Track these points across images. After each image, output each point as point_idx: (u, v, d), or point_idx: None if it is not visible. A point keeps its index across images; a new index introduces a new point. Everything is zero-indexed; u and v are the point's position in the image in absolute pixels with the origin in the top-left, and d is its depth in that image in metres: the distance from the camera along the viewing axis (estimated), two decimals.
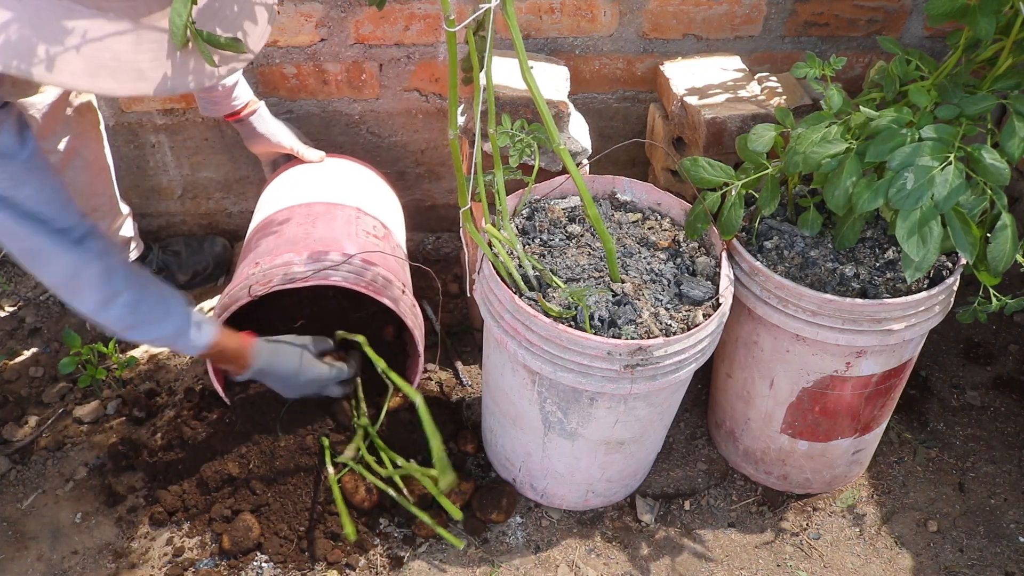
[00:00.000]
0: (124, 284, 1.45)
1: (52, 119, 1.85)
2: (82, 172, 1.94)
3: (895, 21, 2.14)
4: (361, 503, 1.72)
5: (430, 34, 2.05)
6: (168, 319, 1.52)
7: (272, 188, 2.05)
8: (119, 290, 1.44)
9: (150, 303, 1.50)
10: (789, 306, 1.55)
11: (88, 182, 1.97)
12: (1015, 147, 1.37)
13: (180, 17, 1.04)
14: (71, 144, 1.90)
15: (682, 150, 1.99)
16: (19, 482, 1.82)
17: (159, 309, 1.51)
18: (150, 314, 1.50)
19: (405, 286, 1.82)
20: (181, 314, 1.54)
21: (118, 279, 1.44)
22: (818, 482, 1.87)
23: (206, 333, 1.57)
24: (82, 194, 1.97)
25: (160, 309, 1.51)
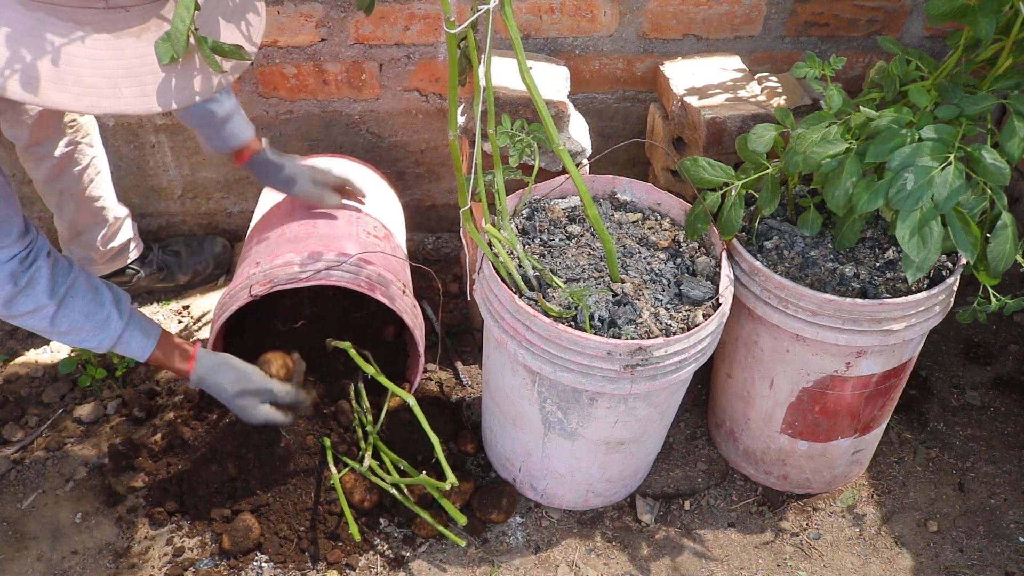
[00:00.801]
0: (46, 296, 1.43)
1: (45, 125, 1.84)
2: (78, 178, 1.94)
3: (895, 21, 2.14)
4: (361, 503, 1.72)
5: (430, 34, 2.05)
6: (105, 330, 1.50)
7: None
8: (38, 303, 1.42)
9: (81, 313, 1.47)
10: (789, 306, 1.55)
11: (84, 187, 1.97)
12: (1015, 147, 1.37)
13: (183, 22, 1.02)
14: (65, 150, 1.90)
15: (682, 150, 1.99)
16: (19, 482, 1.82)
17: (93, 318, 1.49)
18: (83, 322, 1.48)
19: (405, 286, 1.82)
20: (117, 325, 1.52)
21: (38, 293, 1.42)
22: (818, 482, 1.87)
23: (144, 348, 1.56)
24: (80, 202, 1.97)
25: (94, 318, 1.49)
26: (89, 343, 1.51)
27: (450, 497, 1.71)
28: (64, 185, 1.94)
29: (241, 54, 1.10)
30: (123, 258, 2.13)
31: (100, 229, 2.04)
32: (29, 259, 1.40)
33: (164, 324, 2.18)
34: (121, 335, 1.53)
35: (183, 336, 2.15)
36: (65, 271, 1.46)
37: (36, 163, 1.90)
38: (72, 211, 1.98)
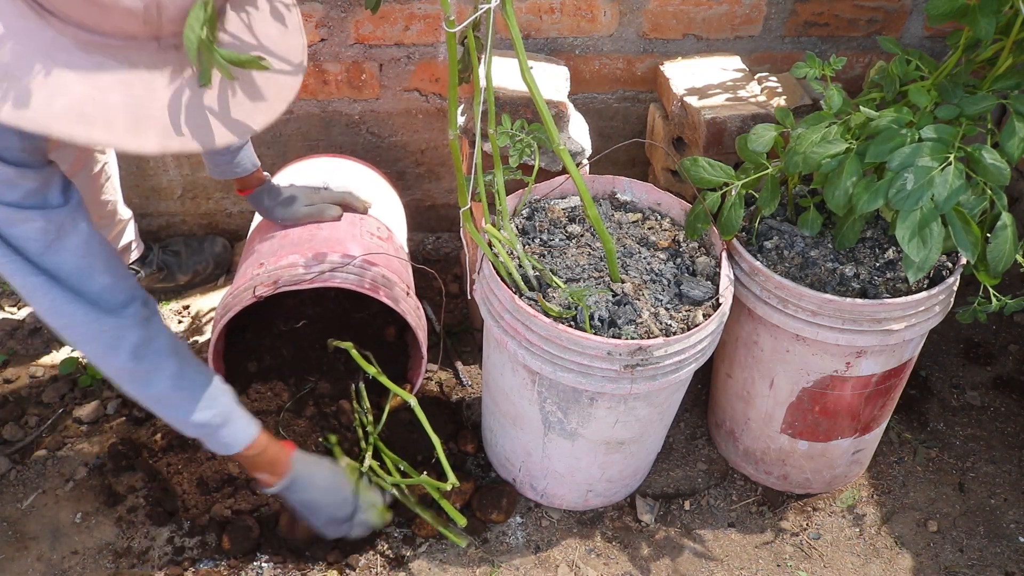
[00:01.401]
0: (166, 354, 1.37)
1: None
2: (88, 183, 1.94)
3: (895, 21, 2.14)
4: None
5: (430, 34, 2.05)
6: (214, 401, 1.42)
7: None
8: (159, 362, 1.36)
9: (194, 380, 1.41)
10: (789, 306, 1.55)
11: (94, 193, 1.97)
12: (1015, 147, 1.37)
13: (193, 31, 1.01)
14: (78, 156, 1.89)
15: (682, 150, 1.99)
16: (19, 482, 1.82)
17: (202, 389, 1.41)
18: (193, 391, 1.40)
19: (408, 287, 1.82)
20: (227, 401, 1.45)
21: (159, 350, 1.36)
22: (818, 482, 1.87)
23: (250, 428, 1.48)
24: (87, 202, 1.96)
25: (204, 388, 1.41)
26: (202, 413, 1.41)
27: (450, 498, 1.71)
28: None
29: (258, 64, 1.10)
30: (124, 259, 2.13)
31: (105, 232, 2.04)
32: (149, 308, 1.37)
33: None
34: (234, 408, 1.45)
35: (184, 335, 2.15)
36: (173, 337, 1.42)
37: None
38: None
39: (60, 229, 1.26)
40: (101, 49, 1.08)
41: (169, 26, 1.07)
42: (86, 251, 1.29)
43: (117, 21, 1.05)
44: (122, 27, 1.06)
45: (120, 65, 1.08)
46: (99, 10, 1.04)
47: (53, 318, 1.29)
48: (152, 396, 1.39)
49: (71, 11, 1.05)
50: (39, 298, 1.27)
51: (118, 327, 1.31)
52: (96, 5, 1.04)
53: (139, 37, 1.08)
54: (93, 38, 1.07)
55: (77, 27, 1.06)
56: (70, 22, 1.06)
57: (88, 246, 1.29)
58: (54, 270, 1.26)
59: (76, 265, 1.28)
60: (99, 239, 1.32)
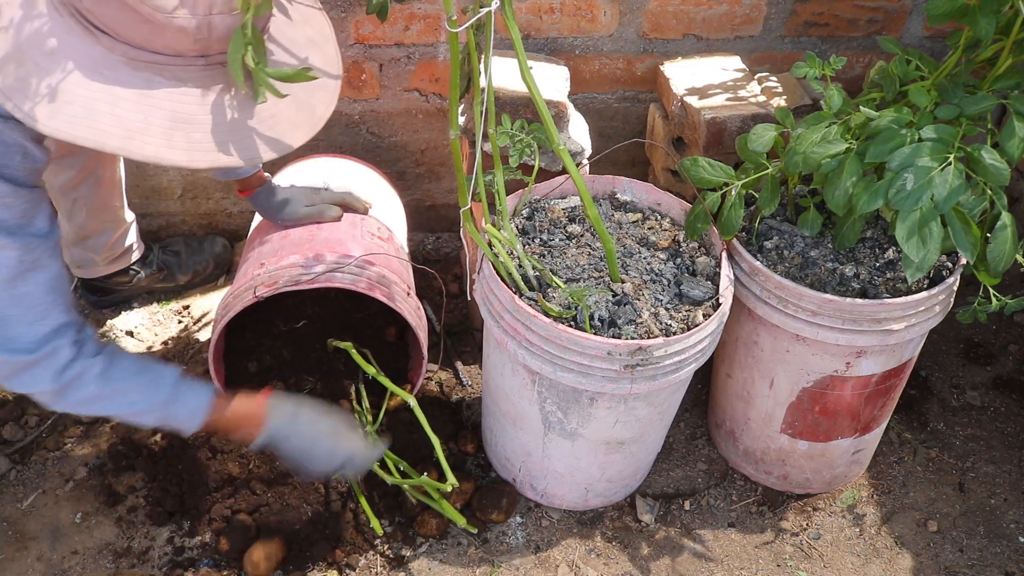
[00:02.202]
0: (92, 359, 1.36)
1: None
2: (95, 190, 1.94)
3: (895, 21, 2.14)
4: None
5: (430, 34, 2.05)
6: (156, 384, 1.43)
7: None
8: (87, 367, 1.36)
9: (124, 372, 1.40)
10: (789, 306, 1.55)
11: (101, 199, 1.96)
12: (1015, 147, 1.37)
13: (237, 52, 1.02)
14: (87, 164, 1.89)
15: (682, 150, 1.99)
16: (19, 482, 1.82)
17: (137, 377, 1.41)
18: (125, 382, 1.40)
19: (409, 288, 1.82)
20: (170, 378, 1.44)
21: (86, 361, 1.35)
22: (818, 482, 1.87)
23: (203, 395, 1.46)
24: (93, 210, 1.97)
25: (139, 376, 1.42)
26: (136, 408, 1.42)
27: (450, 499, 1.71)
28: (79, 194, 1.93)
29: (305, 75, 1.11)
30: (125, 260, 2.13)
31: (108, 235, 2.04)
32: (84, 326, 1.38)
33: (164, 324, 2.19)
34: (178, 384, 1.44)
35: (184, 335, 2.15)
36: (108, 344, 1.42)
37: (57, 172, 1.89)
38: (83, 218, 1.97)
39: (35, 261, 1.25)
40: (150, 67, 1.09)
41: (218, 44, 1.08)
42: (52, 287, 1.28)
43: (169, 39, 1.07)
44: (172, 45, 1.07)
45: (168, 82, 1.10)
46: (151, 28, 1.05)
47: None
48: (87, 398, 1.38)
49: (123, 29, 1.06)
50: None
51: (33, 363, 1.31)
52: (149, 24, 1.05)
53: (187, 55, 1.09)
54: (142, 55, 1.08)
55: (127, 45, 1.07)
56: (120, 39, 1.07)
57: (57, 283, 1.29)
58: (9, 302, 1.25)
59: (38, 300, 1.27)
60: (66, 277, 1.32)
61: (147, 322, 2.19)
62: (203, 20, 1.05)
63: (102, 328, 2.16)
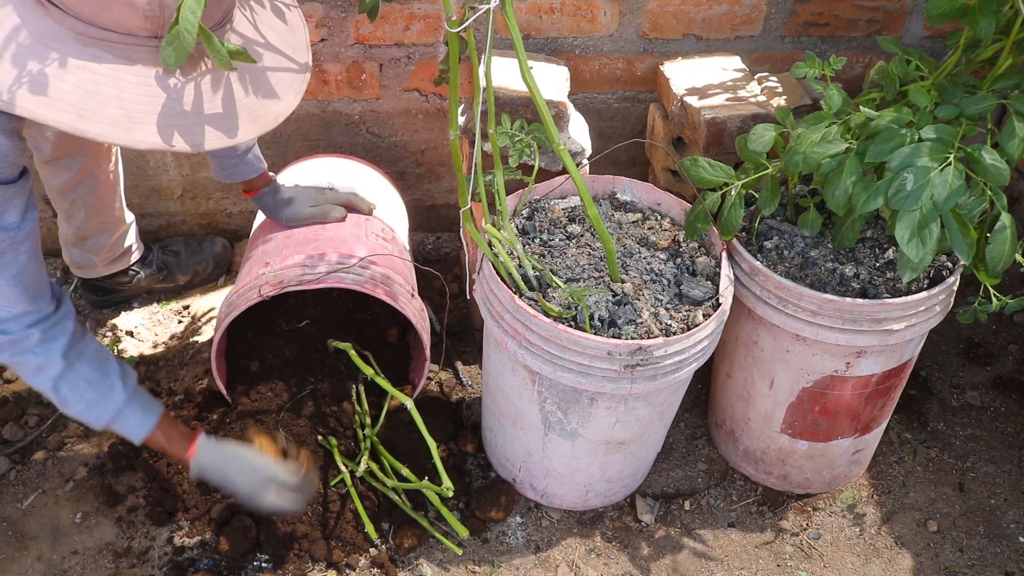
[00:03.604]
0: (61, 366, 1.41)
1: (67, 143, 1.83)
2: (93, 191, 1.94)
3: (895, 21, 2.14)
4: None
5: (430, 34, 2.05)
6: (96, 406, 1.47)
7: None
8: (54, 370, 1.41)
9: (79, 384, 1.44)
10: (789, 306, 1.55)
11: (99, 200, 1.96)
12: (1015, 147, 1.37)
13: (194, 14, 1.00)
14: (84, 164, 1.89)
15: (682, 150, 1.99)
16: (19, 482, 1.82)
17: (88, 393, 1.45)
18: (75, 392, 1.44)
19: (412, 289, 1.82)
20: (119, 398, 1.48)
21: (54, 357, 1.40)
22: (818, 482, 1.87)
23: (145, 424, 1.52)
24: (91, 211, 1.97)
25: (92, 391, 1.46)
26: (88, 414, 1.47)
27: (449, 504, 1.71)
28: (78, 195, 1.92)
29: (247, 56, 1.10)
30: (124, 260, 2.13)
31: (107, 236, 2.04)
32: (59, 321, 1.40)
33: (164, 324, 2.19)
34: (122, 409, 1.48)
35: (184, 335, 2.15)
36: (79, 337, 1.45)
37: (54, 173, 1.89)
38: (81, 219, 1.97)
39: (1, 254, 1.26)
40: (98, 43, 1.07)
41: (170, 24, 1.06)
42: (16, 282, 1.30)
43: (116, 14, 1.05)
44: (121, 21, 1.06)
45: (117, 59, 1.08)
46: (100, 1, 1.04)
47: None
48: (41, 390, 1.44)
49: (72, 2, 1.05)
50: None
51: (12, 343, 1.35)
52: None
53: (138, 34, 1.07)
54: (91, 30, 1.07)
55: (76, 19, 1.06)
56: (70, 13, 1.06)
57: (20, 276, 1.31)
58: None
59: (2, 292, 1.30)
60: (34, 268, 1.33)
61: (147, 322, 2.19)
62: None
63: (102, 328, 2.16)
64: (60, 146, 1.83)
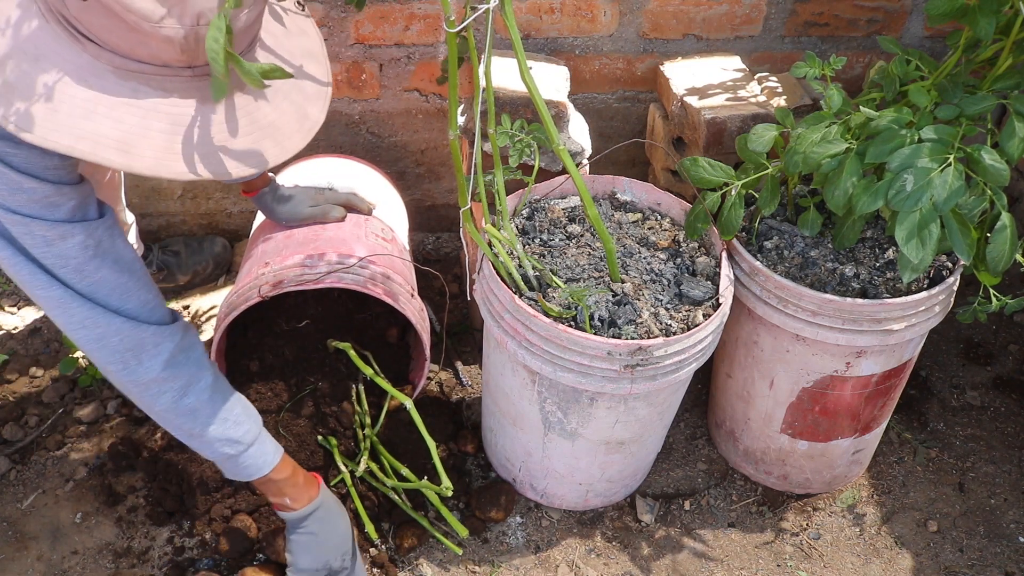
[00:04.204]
0: (202, 365, 1.36)
1: None
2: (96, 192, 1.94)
3: (895, 21, 2.14)
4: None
5: (430, 34, 2.05)
6: (245, 419, 1.41)
7: None
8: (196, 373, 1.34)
9: (226, 394, 1.39)
10: (789, 306, 1.55)
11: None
12: (1015, 147, 1.37)
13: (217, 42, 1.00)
14: (86, 168, 1.88)
15: (682, 150, 1.99)
16: (19, 482, 1.82)
17: (234, 405, 1.39)
18: (226, 406, 1.38)
19: (412, 289, 1.82)
20: (257, 421, 1.43)
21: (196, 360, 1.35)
22: (818, 482, 1.87)
23: (278, 451, 1.46)
24: None
25: (235, 405, 1.40)
26: (232, 432, 1.39)
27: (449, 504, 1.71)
28: None
29: (283, 72, 1.10)
30: None
31: None
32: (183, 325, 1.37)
33: None
34: (257, 437, 1.43)
35: None
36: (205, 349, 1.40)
37: None
38: None
39: (99, 245, 1.25)
40: (136, 76, 1.08)
41: (204, 55, 1.07)
42: (124, 267, 1.28)
43: (155, 49, 1.06)
44: (159, 55, 1.07)
45: (155, 92, 1.09)
46: (138, 37, 1.05)
47: (85, 330, 1.25)
48: (185, 408, 1.35)
49: (109, 37, 1.06)
50: (71, 311, 1.24)
51: (158, 334, 1.29)
52: (135, 32, 1.04)
53: (173, 65, 1.08)
54: (128, 64, 1.07)
55: (113, 53, 1.07)
56: (106, 48, 1.06)
57: (125, 263, 1.28)
58: (92, 288, 1.24)
59: (116, 282, 1.27)
60: (134, 254, 1.31)
61: None
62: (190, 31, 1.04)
63: None
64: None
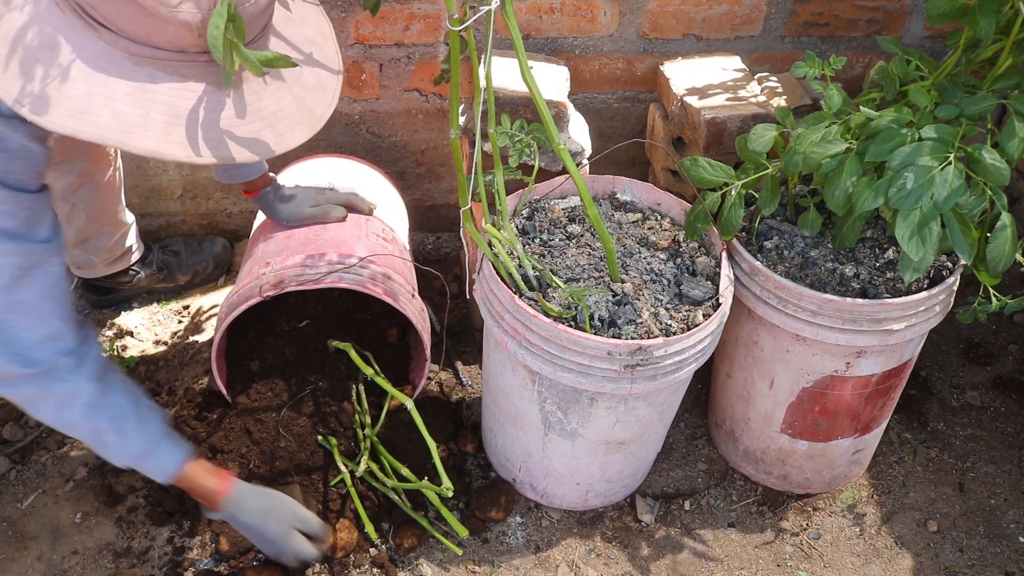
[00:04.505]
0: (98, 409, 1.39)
1: (68, 146, 1.83)
2: (93, 194, 1.94)
3: (895, 21, 2.14)
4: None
5: (430, 34, 2.05)
6: (133, 436, 1.44)
7: None
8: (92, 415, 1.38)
9: (113, 413, 1.41)
10: (789, 306, 1.55)
11: (99, 203, 1.96)
12: (1015, 147, 1.37)
13: (218, 28, 1.01)
14: (85, 169, 1.89)
15: (682, 150, 1.99)
16: (19, 482, 1.82)
17: (126, 419, 1.43)
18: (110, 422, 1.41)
19: (413, 289, 1.82)
20: (154, 431, 1.46)
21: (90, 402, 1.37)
22: (818, 482, 1.87)
23: (173, 460, 1.48)
24: (92, 214, 1.97)
25: (128, 420, 1.43)
26: (119, 446, 1.44)
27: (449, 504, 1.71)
28: (78, 199, 1.92)
29: (287, 61, 1.10)
30: (125, 261, 2.13)
31: (107, 238, 2.04)
32: (87, 341, 1.38)
33: (164, 324, 2.19)
34: (159, 440, 1.46)
35: (184, 335, 2.15)
36: (107, 363, 1.42)
37: (55, 178, 1.88)
38: (82, 221, 1.97)
39: (34, 267, 1.24)
40: (152, 62, 1.08)
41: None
42: (48, 295, 1.28)
43: (171, 35, 1.06)
44: (175, 40, 1.07)
45: (171, 77, 1.09)
46: (155, 22, 1.05)
47: None
48: (67, 421, 1.39)
49: (126, 24, 1.06)
50: None
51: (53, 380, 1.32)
52: (152, 18, 1.04)
53: (190, 51, 1.08)
54: (144, 50, 1.07)
55: (129, 40, 1.07)
56: (122, 35, 1.06)
57: (53, 290, 1.29)
58: (10, 306, 1.24)
59: (34, 307, 1.27)
60: (64, 283, 1.31)
61: (147, 322, 2.19)
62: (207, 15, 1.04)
63: (102, 328, 2.16)
64: (61, 151, 1.83)
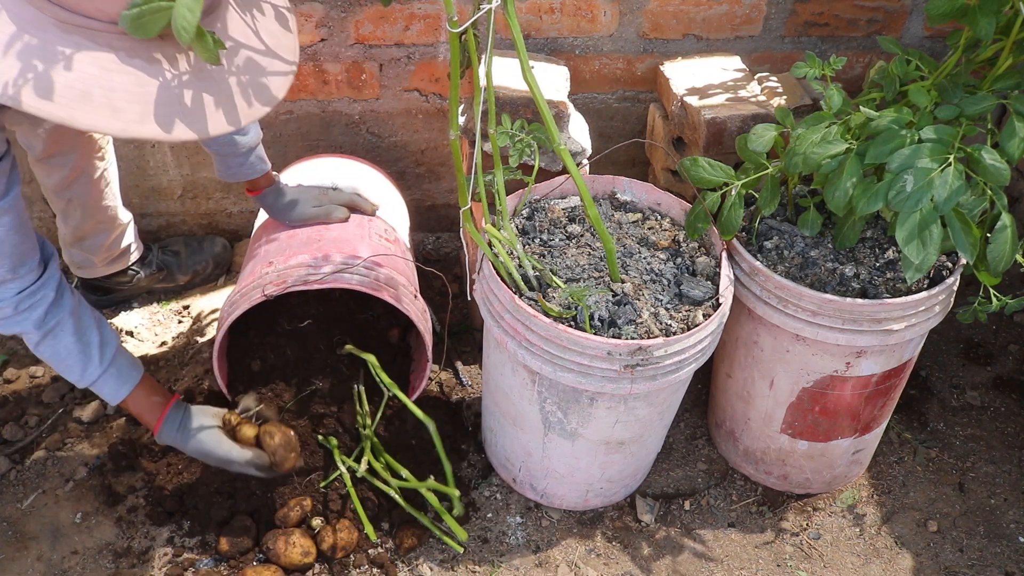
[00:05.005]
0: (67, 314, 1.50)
1: (59, 140, 1.83)
2: (88, 189, 1.94)
3: (895, 21, 2.14)
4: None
5: (430, 34, 2.05)
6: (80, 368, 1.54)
7: None
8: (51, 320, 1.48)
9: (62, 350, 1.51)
10: (789, 306, 1.55)
11: (95, 199, 1.96)
12: (1015, 147, 1.37)
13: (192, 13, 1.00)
14: (77, 162, 1.89)
15: (682, 150, 1.99)
16: (19, 482, 1.82)
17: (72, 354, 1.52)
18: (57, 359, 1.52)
19: (416, 290, 1.82)
20: (92, 370, 1.55)
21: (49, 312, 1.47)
22: (818, 482, 1.87)
23: (115, 394, 1.59)
24: (88, 210, 1.97)
25: (71, 359, 1.53)
26: (67, 376, 1.55)
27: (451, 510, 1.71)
28: (73, 194, 1.93)
29: (220, 45, 1.09)
30: (124, 260, 2.13)
31: (104, 236, 2.04)
32: (37, 291, 1.45)
33: (164, 324, 2.19)
34: (96, 380, 1.56)
35: (184, 335, 2.15)
36: (60, 307, 1.49)
37: (48, 172, 1.89)
38: (78, 218, 1.97)
39: None
40: (80, 31, 1.07)
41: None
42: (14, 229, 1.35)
43: (99, 2, 1.05)
44: (104, 9, 1.05)
45: (99, 48, 1.07)
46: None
47: None
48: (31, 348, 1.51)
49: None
50: None
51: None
52: None
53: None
54: (74, 18, 1.06)
55: (58, 6, 1.05)
56: (53, 1, 1.05)
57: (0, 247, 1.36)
58: None
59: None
60: (16, 239, 1.38)
61: (147, 322, 2.19)
62: None
63: None
64: (51, 143, 1.83)
